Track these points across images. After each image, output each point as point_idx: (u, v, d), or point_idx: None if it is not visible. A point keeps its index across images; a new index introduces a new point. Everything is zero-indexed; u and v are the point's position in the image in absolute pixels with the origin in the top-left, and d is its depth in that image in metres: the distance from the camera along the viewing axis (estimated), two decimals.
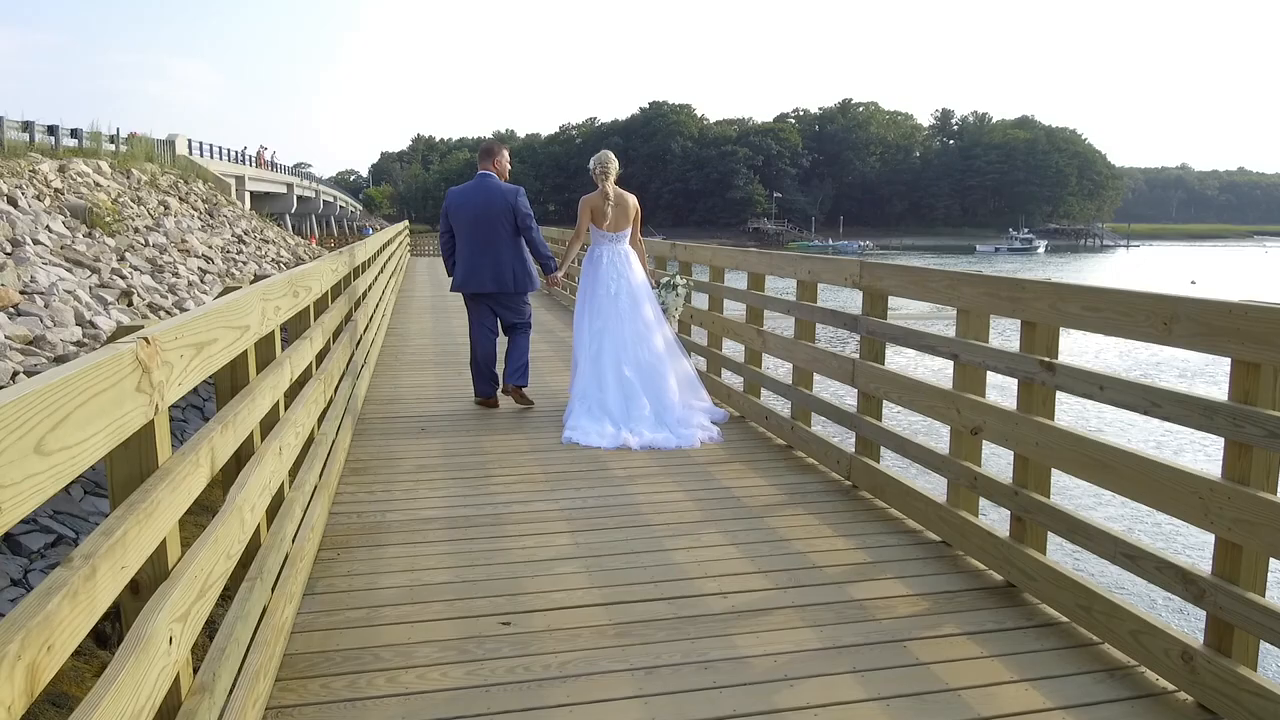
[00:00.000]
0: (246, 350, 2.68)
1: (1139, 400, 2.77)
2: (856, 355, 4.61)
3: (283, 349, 3.38)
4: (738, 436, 5.77)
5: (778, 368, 6.22)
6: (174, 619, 1.71)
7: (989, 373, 3.59)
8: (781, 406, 5.77)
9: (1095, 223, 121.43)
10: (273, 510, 2.98)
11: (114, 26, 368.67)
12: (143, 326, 1.77)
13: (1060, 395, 3.21)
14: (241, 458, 2.66)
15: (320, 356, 4.48)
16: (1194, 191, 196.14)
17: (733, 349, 6.85)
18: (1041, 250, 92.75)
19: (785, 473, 4.93)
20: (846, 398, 6.80)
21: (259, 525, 2.71)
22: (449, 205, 6.43)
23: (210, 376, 2.40)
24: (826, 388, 5.44)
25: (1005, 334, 4.11)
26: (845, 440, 4.98)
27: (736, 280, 6.82)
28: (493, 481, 4.72)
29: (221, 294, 2.70)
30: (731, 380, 6.67)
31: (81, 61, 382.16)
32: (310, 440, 3.89)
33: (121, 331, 1.75)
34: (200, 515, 3.35)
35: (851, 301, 4.99)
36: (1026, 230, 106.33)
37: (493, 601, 3.22)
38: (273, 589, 2.77)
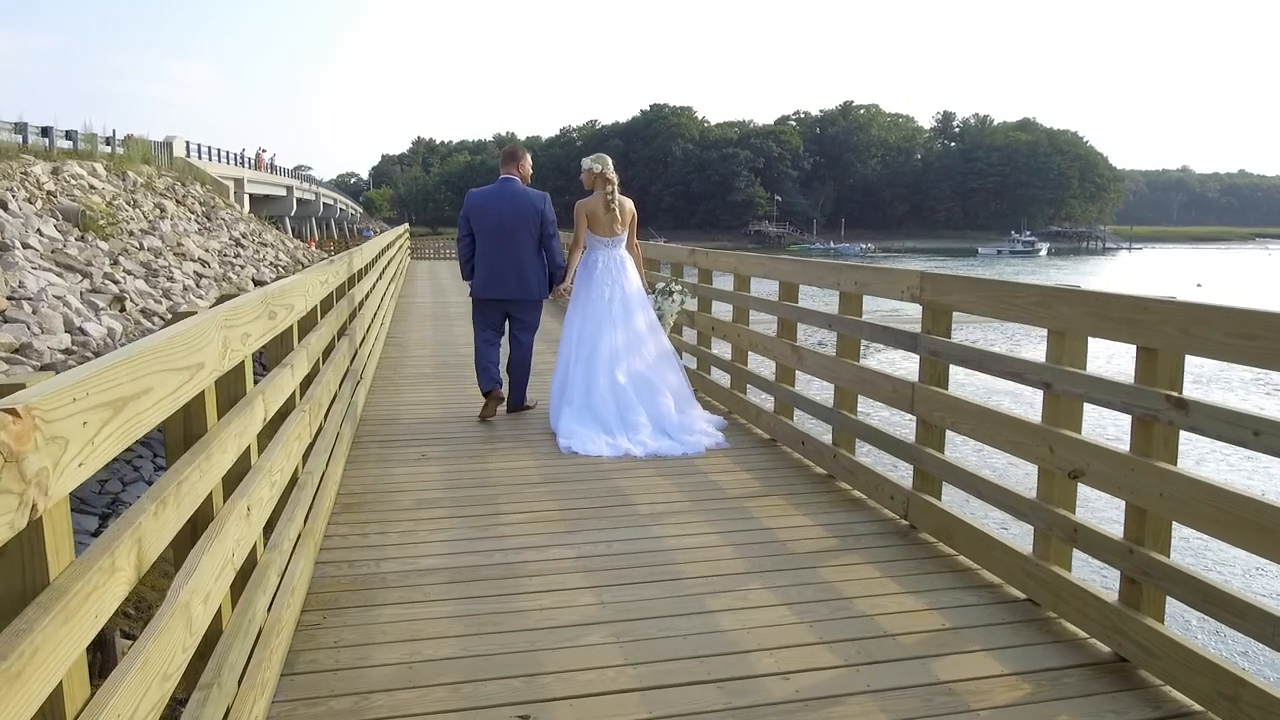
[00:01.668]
0: (203, 392, 2.13)
1: None
2: (915, 379, 4.07)
3: (256, 381, 2.84)
4: (770, 464, 5.22)
5: (821, 390, 5.67)
6: None
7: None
8: (820, 431, 5.23)
9: (1097, 225, 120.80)
10: (240, 583, 2.43)
11: (113, 28, 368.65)
12: (22, 385, 1.23)
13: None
14: (198, 525, 2.12)
15: (306, 382, 3.94)
16: (1195, 194, 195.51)
17: (759, 364, 6.32)
18: (1044, 253, 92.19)
19: (831, 509, 4.38)
20: (892, 422, 6.27)
21: (220, 607, 2.17)
22: (470, 208, 6.22)
23: (159, 425, 1.87)
24: (863, 410, 4.90)
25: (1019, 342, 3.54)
26: (899, 471, 4.44)
27: (755, 288, 6.33)
28: (502, 521, 4.18)
29: (170, 322, 2.15)
30: (760, 399, 6.12)
31: (81, 63, 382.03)
32: (293, 482, 3.35)
33: None
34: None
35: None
36: (1029, 233, 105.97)
37: (507, 685, 2.68)
38: (239, 682, 2.24)
